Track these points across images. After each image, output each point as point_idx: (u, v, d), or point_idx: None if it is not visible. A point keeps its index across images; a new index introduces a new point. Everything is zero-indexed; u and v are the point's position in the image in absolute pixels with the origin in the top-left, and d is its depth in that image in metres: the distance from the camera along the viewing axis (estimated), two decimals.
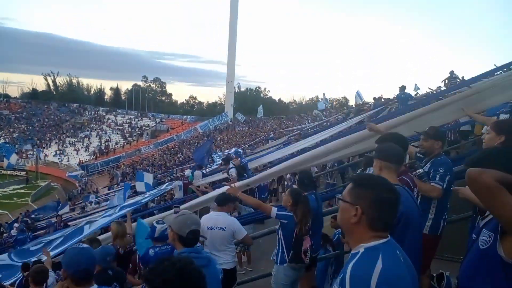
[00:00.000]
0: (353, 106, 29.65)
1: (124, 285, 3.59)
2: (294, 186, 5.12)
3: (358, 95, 23.92)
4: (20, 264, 6.54)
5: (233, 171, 10.09)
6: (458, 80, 17.84)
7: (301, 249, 3.99)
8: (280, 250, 4.02)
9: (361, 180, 1.68)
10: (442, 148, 3.54)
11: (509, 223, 1.56)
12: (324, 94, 24.26)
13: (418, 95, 18.07)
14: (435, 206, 3.26)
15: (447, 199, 3.36)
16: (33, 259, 6.65)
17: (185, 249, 2.52)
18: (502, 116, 8.28)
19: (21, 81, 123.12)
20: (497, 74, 7.32)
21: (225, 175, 10.11)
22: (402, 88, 13.71)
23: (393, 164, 2.60)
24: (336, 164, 9.74)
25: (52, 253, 6.73)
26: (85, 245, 2.73)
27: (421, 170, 3.32)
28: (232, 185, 4.79)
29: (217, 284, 2.60)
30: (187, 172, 14.33)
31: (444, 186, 3.24)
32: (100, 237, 6.74)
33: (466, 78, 18.05)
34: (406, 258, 1.59)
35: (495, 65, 7.77)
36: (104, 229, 8.94)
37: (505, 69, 7.20)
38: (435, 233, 3.31)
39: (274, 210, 4.01)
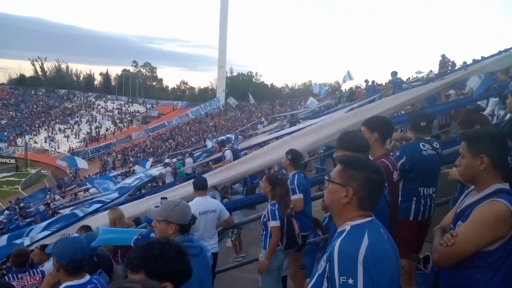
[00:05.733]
0: (344, 90, 29.60)
1: (112, 270, 3.53)
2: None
3: (348, 74, 23.85)
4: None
5: (228, 153, 10.09)
6: (450, 63, 17.95)
7: (295, 233, 3.99)
8: (269, 235, 3.98)
9: (351, 161, 1.72)
10: (417, 134, 3.53)
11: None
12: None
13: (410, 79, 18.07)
14: (400, 190, 3.25)
15: (412, 183, 3.33)
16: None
17: (178, 237, 2.46)
18: (492, 100, 8.29)
19: (8, 67, 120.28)
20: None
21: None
22: (394, 73, 14.17)
23: (361, 154, 2.57)
24: (323, 148, 9.71)
25: (41, 235, 6.65)
26: (76, 235, 2.75)
27: (397, 153, 3.39)
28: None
29: (208, 272, 2.58)
30: (169, 160, 15.15)
31: None
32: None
33: (457, 61, 18.14)
34: (389, 236, 1.66)
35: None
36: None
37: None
38: (406, 218, 3.31)
39: (274, 223, 3.89)
